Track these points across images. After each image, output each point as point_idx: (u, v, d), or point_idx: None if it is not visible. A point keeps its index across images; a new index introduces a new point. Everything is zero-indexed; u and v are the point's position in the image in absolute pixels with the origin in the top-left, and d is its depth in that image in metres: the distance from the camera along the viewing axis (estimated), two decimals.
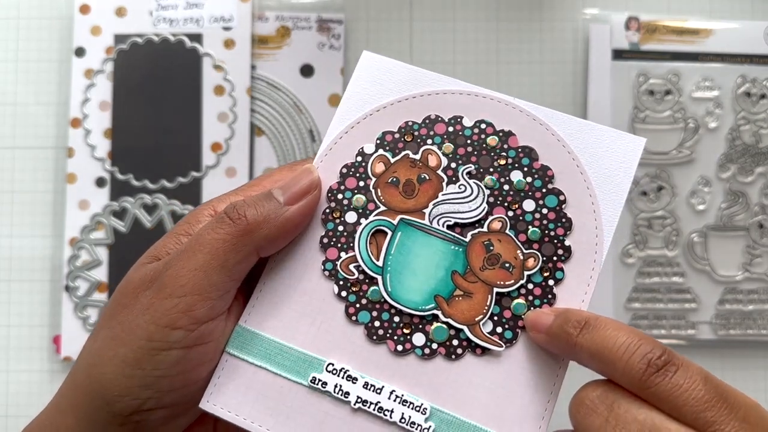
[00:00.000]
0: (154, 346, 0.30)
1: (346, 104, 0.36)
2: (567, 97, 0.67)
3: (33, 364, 0.64)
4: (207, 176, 0.65)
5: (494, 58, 0.67)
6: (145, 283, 0.32)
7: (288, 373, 0.32)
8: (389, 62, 0.36)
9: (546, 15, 0.68)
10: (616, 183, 0.34)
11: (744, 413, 0.26)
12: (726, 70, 0.66)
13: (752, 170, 0.65)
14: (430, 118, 0.35)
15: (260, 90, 0.66)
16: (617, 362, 0.27)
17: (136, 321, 0.31)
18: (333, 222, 0.34)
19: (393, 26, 0.67)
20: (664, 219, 0.65)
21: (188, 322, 0.31)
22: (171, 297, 0.31)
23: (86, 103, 0.65)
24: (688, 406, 0.26)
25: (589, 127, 0.34)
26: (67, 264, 0.64)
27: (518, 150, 0.34)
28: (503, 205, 0.33)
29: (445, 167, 0.34)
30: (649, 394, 0.26)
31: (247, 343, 0.33)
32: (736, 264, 0.65)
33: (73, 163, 0.65)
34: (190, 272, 0.31)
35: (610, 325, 0.28)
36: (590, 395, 0.28)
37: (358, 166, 0.35)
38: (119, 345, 0.31)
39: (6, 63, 0.67)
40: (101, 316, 0.33)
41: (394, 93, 0.35)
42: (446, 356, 0.32)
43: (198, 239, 0.32)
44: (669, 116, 0.65)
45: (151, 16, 0.66)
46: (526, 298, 0.32)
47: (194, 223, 0.34)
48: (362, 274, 0.33)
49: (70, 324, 0.63)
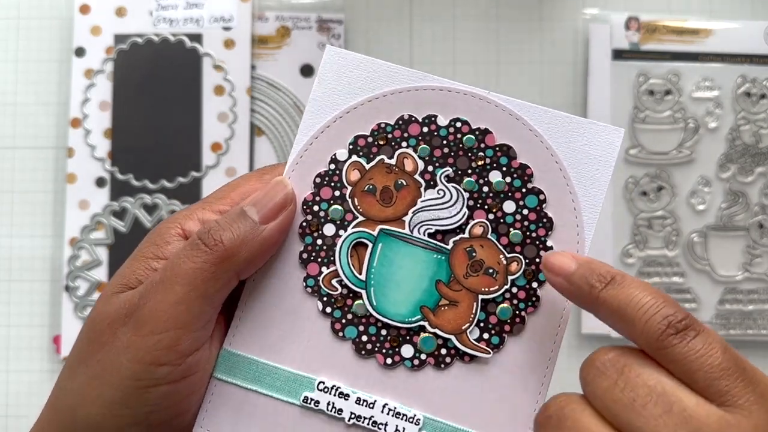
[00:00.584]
0: (141, 384, 0.30)
1: (314, 106, 0.34)
2: (567, 97, 0.67)
3: (33, 364, 0.64)
4: (207, 176, 0.65)
5: (494, 58, 0.67)
6: (121, 318, 0.30)
7: (279, 393, 0.32)
8: (356, 57, 0.34)
9: (546, 15, 0.68)
10: (596, 177, 0.32)
11: (763, 389, 0.25)
12: (726, 70, 0.66)
13: (752, 170, 0.65)
14: (403, 118, 0.33)
15: (260, 90, 0.66)
16: (637, 321, 0.26)
17: (117, 360, 0.30)
18: (311, 236, 0.33)
19: (393, 26, 0.67)
20: (664, 219, 0.65)
21: (174, 357, 0.30)
22: (152, 334, 0.29)
23: (86, 103, 0.65)
24: (702, 371, 0.25)
25: (565, 119, 0.33)
26: (67, 264, 0.64)
27: (495, 149, 0.33)
28: (483, 208, 0.33)
29: (422, 171, 0.33)
30: (664, 355, 0.26)
31: (234, 367, 0.32)
32: (736, 264, 0.65)
33: (73, 163, 0.65)
34: (170, 306, 0.30)
35: (636, 284, 0.27)
36: (602, 358, 0.27)
37: (332, 174, 0.33)
38: (103, 385, 0.30)
39: (6, 63, 0.67)
40: (74, 352, 0.32)
41: (364, 91, 0.34)
42: (435, 366, 0.32)
43: (174, 269, 0.30)
44: (669, 116, 0.65)
45: (151, 16, 0.66)
46: (511, 302, 0.32)
47: (162, 244, 0.32)
48: (345, 288, 0.32)
49: (70, 324, 0.63)
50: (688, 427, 0.24)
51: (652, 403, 0.25)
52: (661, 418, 0.25)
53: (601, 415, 0.26)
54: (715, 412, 0.25)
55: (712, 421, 0.24)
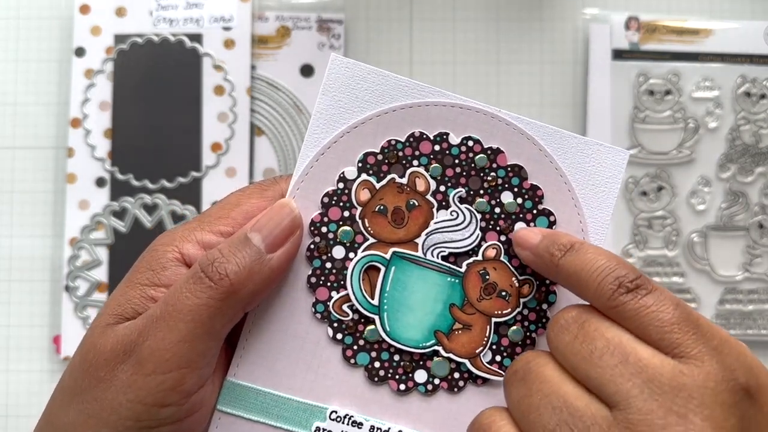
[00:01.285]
0: (143, 425, 0.28)
1: (319, 120, 0.32)
2: (567, 97, 0.67)
3: (33, 364, 0.64)
4: (207, 176, 0.65)
5: (494, 58, 0.67)
6: (119, 355, 0.29)
7: (289, 425, 0.31)
8: (362, 68, 0.32)
9: (546, 15, 0.68)
10: (603, 198, 0.33)
11: (717, 344, 0.26)
12: (726, 70, 0.66)
13: (752, 170, 0.65)
14: (414, 135, 0.32)
15: (260, 90, 0.66)
16: (591, 282, 0.27)
17: (117, 399, 0.28)
18: (319, 259, 0.32)
19: (393, 26, 0.67)
20: (664, 219, 0.65)
21: (178, 397, 0.28)
22: (155, 374, 0.28)
23: (86, 103, 0.65)
24: (653, 326, 0.26)
25: (573, 140, 0.33)
26: (67, 264, 0.64)
27: (507, 169, 0.32)
28: (495, 229, 0.32)
29: (434, 191, 0.32)
30: (616, 312, 0.27)
31: (240, 398, 0.31)
32: (736, 264, 0.65)
33: (73, 163, 0.65)
34: (174, 345, 0.28)
35: (593, 249, 0.29)
36: (565, 315, 0.28)
37: (340, 193, 0.32)
38: (100, 425, 0.28)
39: (6, 63, 0.67)
40: (68, 381, 0.30)
41: (372, 106, 0.32)
42: (449, 390, 0.32)
43: (176, 305, 0.28)
44: (669, 116, 0.65)
45: (151, 16, 0.66)
46: (522, 324, 0.32)
47: (158, 269, 0.30)
48: (357, 314, 0.31)
49: (70, 324, 0.63)
50: (642, 375, 0.25)
51: (609, 354, 0.26)
52: (617, 368, 0.25)
53: (563, 368, 0.27)
54: (669, 362, 0.25)
55: (666, 371, 0.25)
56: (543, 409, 0.26)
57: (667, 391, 0.25)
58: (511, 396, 0.27)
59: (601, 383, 0.25)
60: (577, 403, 0.26)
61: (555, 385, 0.26)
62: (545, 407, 0.26)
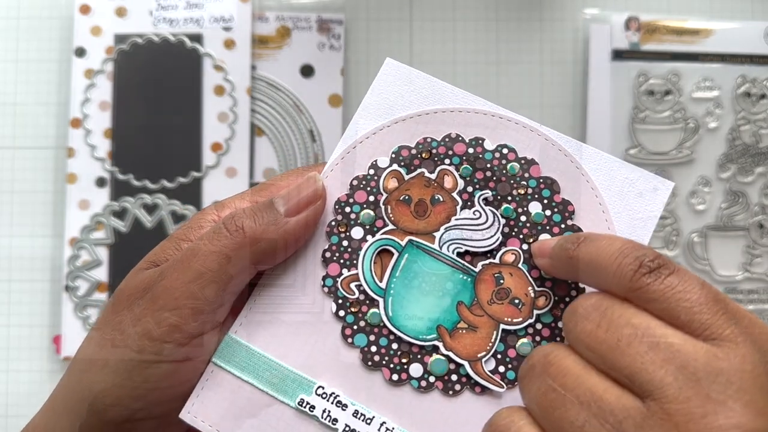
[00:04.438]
0: (144, 358, 0.30)
1: (363, 113, 0.34)
2: (567, 97, 0.67)
3: (33, 364, 0.64)
4: (207, 176, 0.65)
5: (494, 58, 0.67)
6: (139, 291, 0.31)
7: (275, 391, 0.31)
8: (412, 72, 0.34)
9: (546, 15, 0.68)
10: (639, 227, 0.32)
11: (747, 324, 0.24)
12: (726, 70, 0.66)
13: (752, 170, 0.65)
14: (450, 136, 0.33)
15: (260, 90, 0.66)
16: (610, 266, 0.26)
17: (127, 331, 0.30)
18: (338, 236, 0.32)
19: (393, 26, 0.67)
20: (664, 219, 0.65)
21: (179, 336, 0.30)
22: (162, 309, 0.30)
23: (86, 103, 0.65)
24: (681, 307, 0.24)
25: (617, 163, 0.32)
26: (67, 264, 0.64)
27: (539, 180, 0.32)
28: (518, 236, 0.32)
29: (461, 190, 0.32)
30: (640, 295, 0.25)
31: (235, 355, 0.31)
32: (736, 264, 0.65)
33: (74, 163, 0.65)
34: (184, 285, 0.30)
35: (607, 236, 0.27)
36: (584, 303, 0.26)
37: (369, 179, 0.33)
38: (110, 354, 0.31)
39: (6, 63, 0.67)
40: (99, 317, 0.33)
41: (414, 106, 0.34)
42: (443, 391, 0.31)
43: (194, 250, 0.31)
44: (669, 116, 0.65)
45: (151, 16, 0.66)
46: (533, 338, 0.31)
47: (196, 228, 0.33)
48: (363, 294, 0.32)
49: (70, 324, 0.63)
50: (675, 361, 0.23)
51: (638, 341, 0.24)
52: (647, 354, 0.24)
53: (585, 359, 0.25)
54: (702, 346, 0.24)
55: (699, 355, 0.23)
56: (569, 405, 0.24)
57: (703, 377, 0.23)
58: (530, 392, 0.26)
59: (632, 372, 0.24)
60: (606, 395, 0.24)
61: (580, 378, 0.25)
62: (571, 402, 0.24)
